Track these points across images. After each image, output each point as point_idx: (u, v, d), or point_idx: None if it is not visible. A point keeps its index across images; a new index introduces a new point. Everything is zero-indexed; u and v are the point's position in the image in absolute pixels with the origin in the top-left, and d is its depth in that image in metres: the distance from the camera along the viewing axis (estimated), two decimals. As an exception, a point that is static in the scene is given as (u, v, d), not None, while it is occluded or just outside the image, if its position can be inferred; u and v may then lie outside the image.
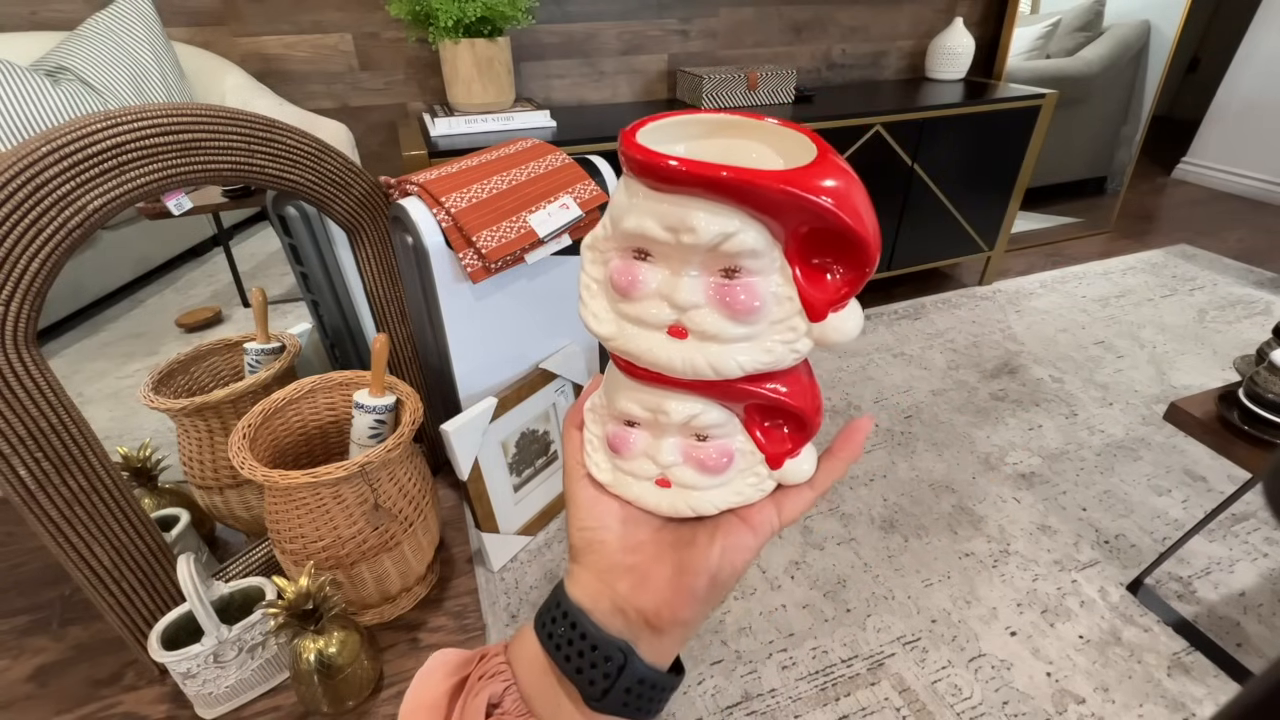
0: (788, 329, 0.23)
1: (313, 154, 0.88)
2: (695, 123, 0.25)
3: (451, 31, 1.27)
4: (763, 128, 0.25)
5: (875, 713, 0.87)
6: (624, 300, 0.24)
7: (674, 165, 0.20)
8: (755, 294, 0.22)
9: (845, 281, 0.23)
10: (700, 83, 1.59)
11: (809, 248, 0.22)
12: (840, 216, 0.21)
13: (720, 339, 0.23)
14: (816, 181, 0.20)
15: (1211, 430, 0.90)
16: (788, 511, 0.29)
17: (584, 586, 0.28)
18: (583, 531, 0.29)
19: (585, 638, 0.26)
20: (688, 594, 0.26)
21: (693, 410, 0.26)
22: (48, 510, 0.72)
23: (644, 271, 0.23)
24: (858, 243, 0.22)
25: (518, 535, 1.10)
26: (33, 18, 1.23)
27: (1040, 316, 1.85)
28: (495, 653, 0.29)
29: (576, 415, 0.32)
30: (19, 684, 0.90)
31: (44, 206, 0.65)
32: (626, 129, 0.23)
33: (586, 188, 1.04)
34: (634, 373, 0.26)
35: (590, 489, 0.30)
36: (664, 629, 0.27)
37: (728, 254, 0.22)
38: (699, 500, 0.27)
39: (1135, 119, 2.28)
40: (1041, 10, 2.09)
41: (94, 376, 1.15)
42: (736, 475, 0.27)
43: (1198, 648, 0.94)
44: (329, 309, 1.06)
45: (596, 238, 0.26)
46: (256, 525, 1.03)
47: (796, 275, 0.23)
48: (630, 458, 0.28)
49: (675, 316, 0.23)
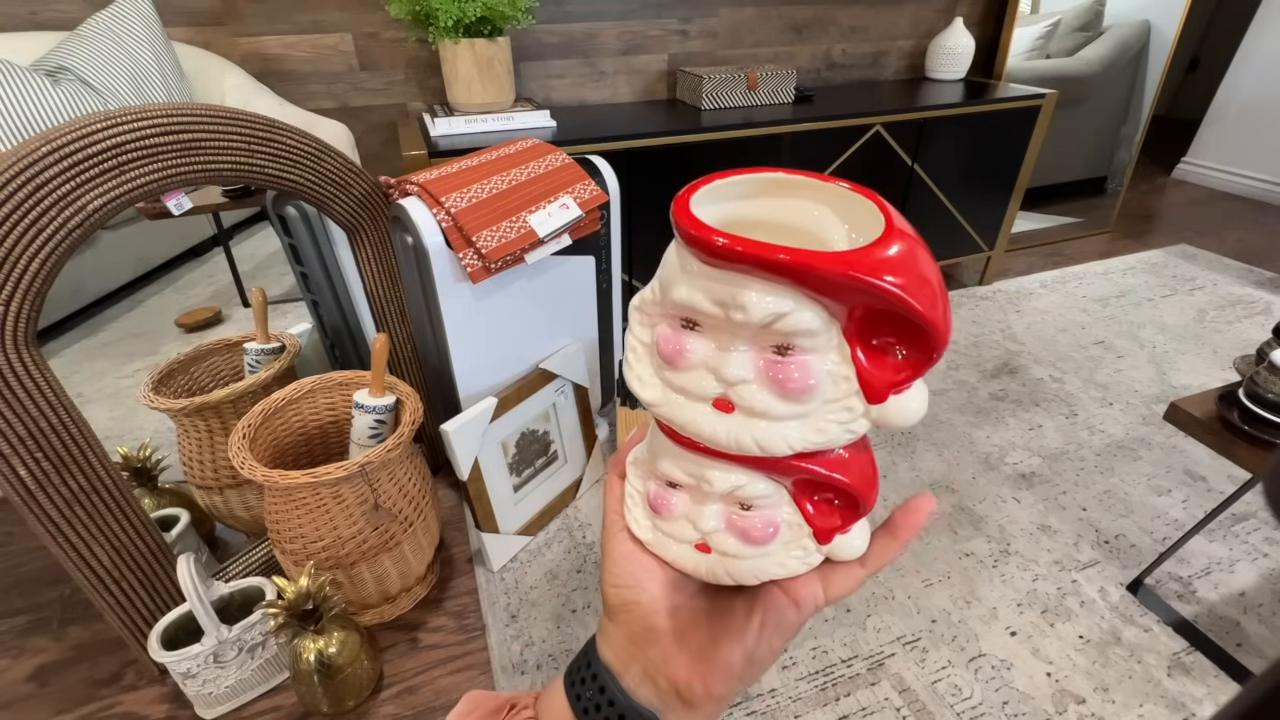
0: (843, 409, 0.22)
1: (313, 154, 0.88)
2: (749, 182, 0.24)
3: (451, 31, 1.27)
4: (824, 188, 0.24)
5: (875, 713, 0.87)
6: (670, 369, 0.23)
7: (725, 244, 0.19)
8: (809, 373, 0.21)
9: (909, 364, 0.21)
10: (700, 83, 1.59)
11: (870, 326, 0.21)
12: (909, 304, 0.19)
13: (769, 416, 0.22)
14: (884, 263, 0.19)
15: (1211, 430, 0.90)
16: (835, 589, 0.27)
17: (615, 647, 0.27)
18: (617, 589, 0.28)
19: (613, 705, 0.26)
20: (721, 669, 0.25)
21: (737, 481, 0.24)
22: (48, 510, 0.72)
23: (691, 341, 0.22)
24: (928, 329, 0.20)
25: (518, 535, 1.10)
26: (33, 18, 1.23)
27: (1040, 316, 1.85)
28: (526, 704, 0.28)
29: (620, 464, 0.31)
30: (19, 684, 0.90)
31: (44, 206, 0.65)
32: (679, 195, 0.22)
33: (586, 188, 1.04)
34: (678, 439, 0.25)
35: (628, 543, 0.29)
36: (695, 703, 0.25)
37: (781, 332, 0.21)
38: (740, 569, 0.26)
39: (1135, 119, 2.28)
40: (1041, 10, 2.09)
41: (94, 376, 1.15)
42: (781, 546, 0.26)
43: (1198, 648, 0.94)
44: (329, 309, 1.06)
45: (645, 300, 0.24)
46: (256, 525, 1.03)
47: (856, 355, 0.21)
48: (671, 519, 0.27)
49: (722, 390, 0.22)
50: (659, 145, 1.42)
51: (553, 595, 1.03)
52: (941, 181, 1.78)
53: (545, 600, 1.03)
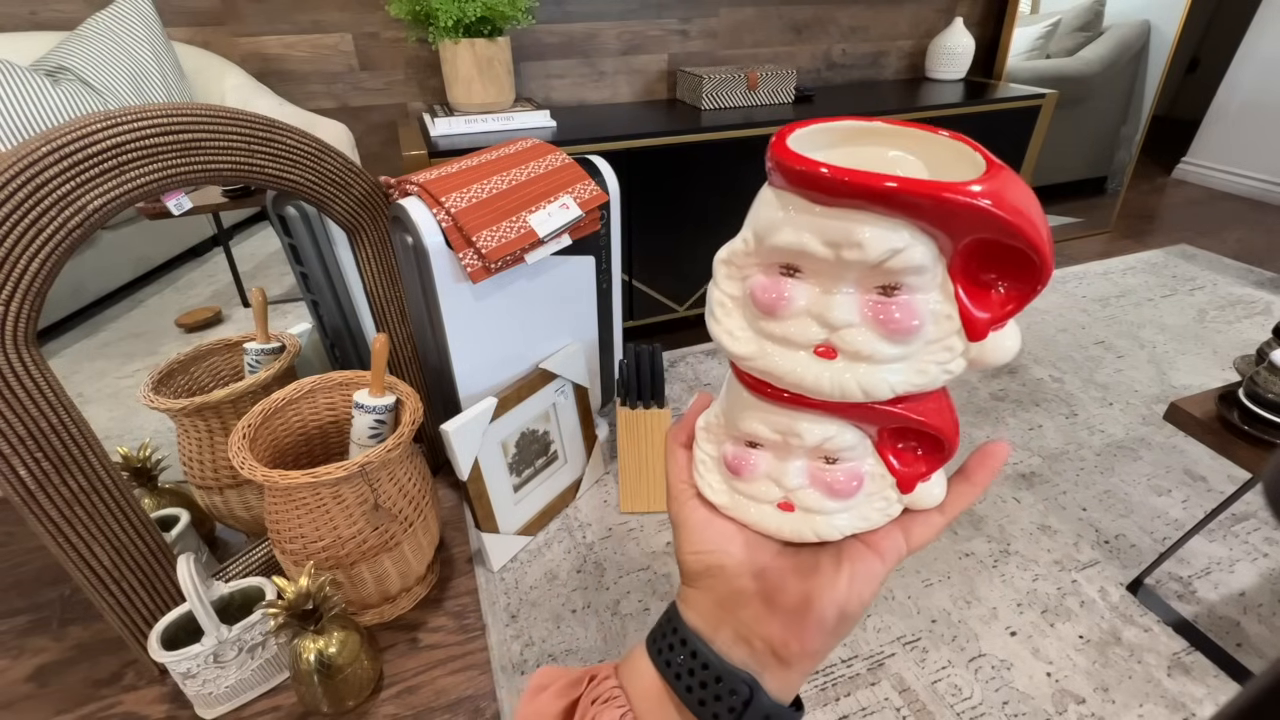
0: (944, 349, 0.22)
1: (313, 154, 0.88)
2: (837, 130, 0.24)
3: (451, 31, 1.27)
4: (910, 134, 0.23)
5: (875, 713, 0.87)
6: (767, 319, 0.23)
7: (842, 177, 0.19)
8: (914, 312, 0.21)
9: (1011, 298, 0.21)
10: (700, 83, 1.59)
11: (975, 262, 0.21)
12: (1022, 230, 0.19)
13: (873, 360, 0.22)
14: (996, 192, 0.19)
15: (1211, 430, 0.90)
16: (916, 538, 0.27)
17: (701, 612, 0.27)
18: (698, 555, 0.28)
19: (708, 668, 0.25)
20: (816, 624, 0.25)
21: (827, 433, 0.24)
22: (48, 510, 0.72)
23: (791, 288, 0.22)
24: (1038, 257, 0.20)
25: (518, 535, 1.10)
26: (33, 18, 1.23)
27: (1040, 316, 1.85)
28: (606, 675, 0.28)
29: (682, 433, 0.31)
30: (19, 684, 0.90)
31: (44, 206, 0.65)
32: (775, 138, 0.22)
33: (586, 188, 1.04)
34: (765, 392, 0.24)
35: (702, 510, 0.28)
36: (791, 661, 0.25)
37: (892, 270, 0.20)
38: (824, 525, 0.26)
39: (1135, 119, 2.28)
40: (1041, 10, 2.09)
41: (94, 376, 1.15)
42: (865, 499, 0.26)
43: (1198, 648, 0.94)
44: (329, 309, 1.06)
45: (735, 252, 0.24)
46: (256, 525, 1.03)
47: (959, 292, 0.21)
48: (751, 480, 0.27)
49: (825, 336, 0.22)
50: (659, 145, 1.42)
51: (553, 595, 1.03)
52: (941, 181, 1.78)
53: (545, 600, 1.03)
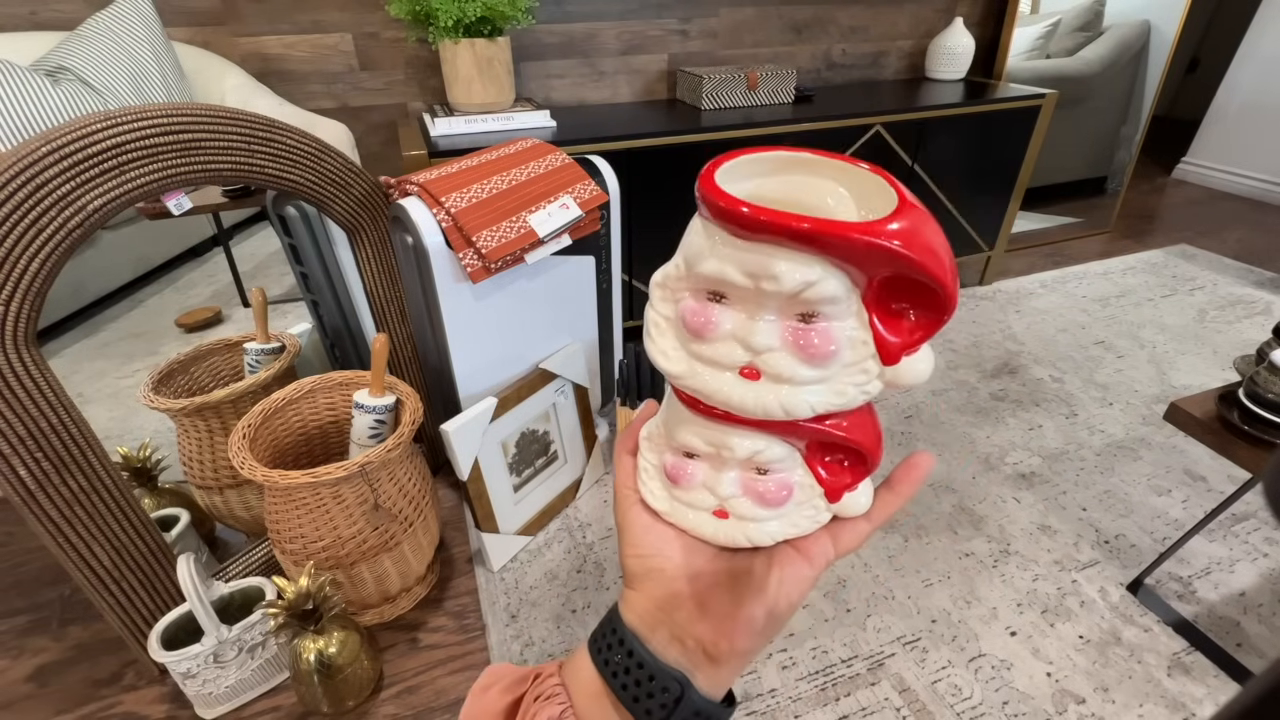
0: (860, 371, 0.23)
1: (313, 154, 0.88)
2: (767, 160, 0.25)
3: (451, 31, 1.27)
4: (835, 166, 0.25)
5: (875, 713, 0.87)
6: (696, 341, 0.24)
7: (759, 216, 0.20)
8: (831, 339, 0.22)
9: (921, 325, 0.23)
10: (700, 83, 1.59)
11: (888, 292, 0.23)
12: (927, 268, 0.21)
13: (794, 381, 0.23)
14: (903, 232, 0.20)
15: (1211, 430, 0.90)
16: (844, 543, 0.28)
17: (640, 613, 0.28)
18: (639, 558, 0.29)
19: (642, 666, 0.27)
20: (746, 624, 0.26)
21: (757, 446, 0.26)
22: (48, 510, 0.72)
23: (718, 313, 0.23)
24: (941, 291, 0.21)
25: (517, 535, 1.10)
26: (33, 18, 1.23)
27: (1040, 316, 1.85)
28: (550, 673, 0.29)
29: (629, 440, 0.32)
30: (19, 684, 0.90)
31: (44, 206, 0.65)
32: (704, 171, 0.23)
33: (586, 188, 1.04)
34: (698, 408, 0.26)
35: (645, 515, 0.30)
36: (721, 660, 0.27)
37: (808, 300, 0.22)
38: (756, 532, 0.28)
39: (1135, 119, 2.28)
40: (1041, 10, 2.09)
41: (94, 376, 1.15)
42: (794, 507, 0.27)
43: (1198, 648, 0.94)
44: (329, 309, 1.06)
45: (668, 275, 0.25)
46: (256, 525, 1.03)
47: (873, 320, 0.23)
48: (689, 488, 0.28)
49: (749, 358, 0.23)
50: (659, 145, 1.42)
51: (553, 595, 1.03)
52: (942, 181, 1.78)
53: (545, 600, 1.03)
